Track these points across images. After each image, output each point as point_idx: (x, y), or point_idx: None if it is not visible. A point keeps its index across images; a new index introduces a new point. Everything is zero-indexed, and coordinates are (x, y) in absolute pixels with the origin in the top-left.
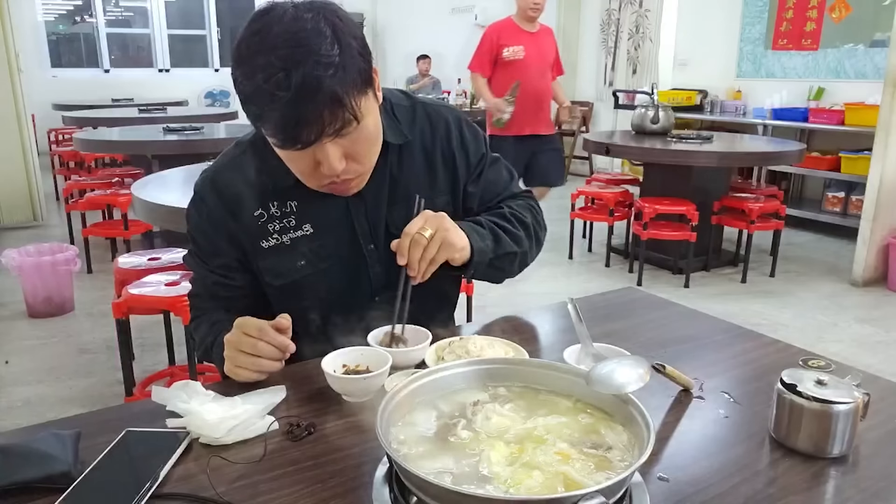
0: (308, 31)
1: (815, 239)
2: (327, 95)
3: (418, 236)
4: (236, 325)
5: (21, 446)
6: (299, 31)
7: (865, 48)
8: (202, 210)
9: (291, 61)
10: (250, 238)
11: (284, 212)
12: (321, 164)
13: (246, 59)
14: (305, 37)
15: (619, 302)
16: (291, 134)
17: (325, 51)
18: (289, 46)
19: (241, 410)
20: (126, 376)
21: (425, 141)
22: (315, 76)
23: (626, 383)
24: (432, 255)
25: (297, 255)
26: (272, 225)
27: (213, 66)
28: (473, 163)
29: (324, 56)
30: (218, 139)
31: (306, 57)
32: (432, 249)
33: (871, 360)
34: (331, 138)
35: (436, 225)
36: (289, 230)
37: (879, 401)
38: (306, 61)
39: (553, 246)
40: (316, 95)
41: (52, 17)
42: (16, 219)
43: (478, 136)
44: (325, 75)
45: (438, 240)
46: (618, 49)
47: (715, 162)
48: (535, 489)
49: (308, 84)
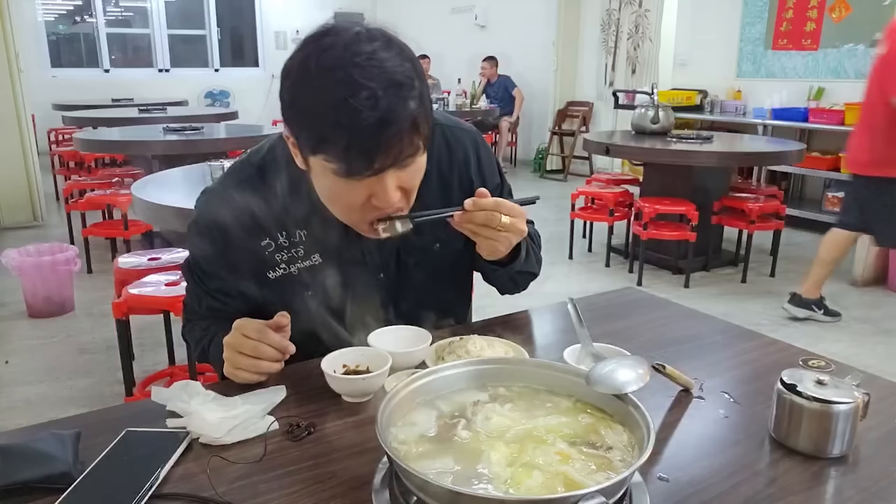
0: (387, 53)
1: (815, 239)
2: (409, 122)
3: (496, 217)
4: (235, 326)
5: (21, 446)
6: (377, 52)
7: (865, 48)
8: (204, 234)
9: (379, 81)
10: (255, 268)
11: (293, 241)
12: (375, 196)
13: (316, 76)
14: (388, 58)
15: (619, 302)
16: (367, 160)
17: (408, 75)
18: (372, 66)
19: (241, 410)
20: (126, 376)
21: (442, 166)
22: (402, 98)
23: (626, 383)
24: (486, 236)
25: (305, 284)
26: (280, 255)
27: (213, 66)
28: (490, 189)
29: (406, 78)
30: (218, 139)
31: (393, 77)
32: (492, 233)
33: (871, 360)
34: (398, 168)
35: (515, 225)
36: (297, 260)
37: (879, 401)
38: (394, 82)
39: (553, 246)
40: (401, 121)
41: (52, 17)
42: (16, 219)
43: (493, 162)
44: (409, 97)
45: (503, 235)
46: (618, 49)
47: (715, 162)
48: (535, 489)
49: (395, 108)
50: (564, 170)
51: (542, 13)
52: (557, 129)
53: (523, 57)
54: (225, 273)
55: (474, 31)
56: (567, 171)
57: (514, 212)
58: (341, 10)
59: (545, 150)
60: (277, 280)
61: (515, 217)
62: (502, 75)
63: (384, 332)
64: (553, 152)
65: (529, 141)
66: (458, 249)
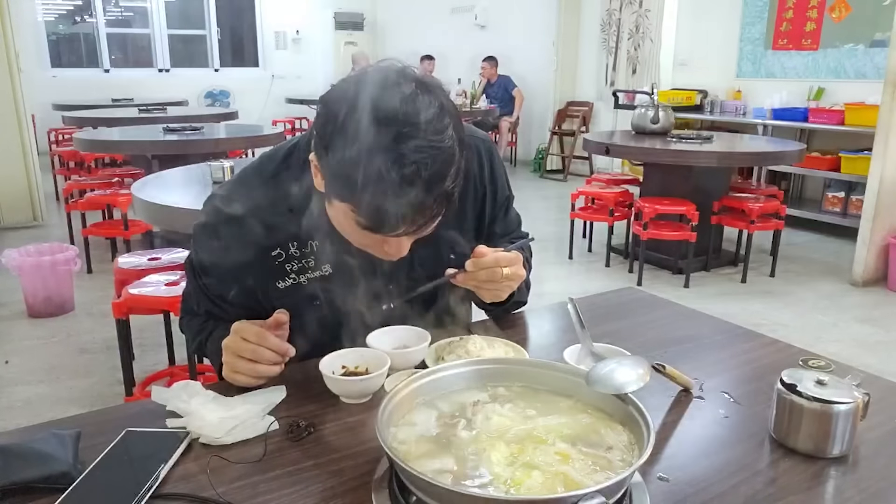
0: (439, 124)
1: (815, 239)
2: (444, 196)
3: (497, 272)
4: (234, 330)
5: (21, 446)
6: (430, 122)
7: (865, 48)
8: (213, 239)
9: (427, 156)
10: (263, 277)
11: (304, 252)
12: (388, 245)
13: (365, 134)
14: (438, 129)
15: (619, 302)
16: (391, 225)
17: (453, 149)
18: (424, 139)
19: (241, 410)
20: (126, 376)
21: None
22: (444, 176)
23: (626, 383)
24: (489, 289)
25: (314, 295)
26: (290, 265)
27: (213, 66)
28: (500, 200)
29: (452, 155)
30: (218, 139)
31: (440, 154)
32: (494, 286)
33: (871, 360)
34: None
35: (515, 273)
36: (307, 270)
37: (879, 401)
38: (440, 159)
39: (553, 246)
40: (435, 195)
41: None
42: (16, 219)
43: (503, 173)
44: (450, 174)
45: (505, 285)
46: (618, 49)
47: (715, 162)
48: (535, 489)
49: (435, 184)
50: (564, 170)
51: (542, 13)
52: (557, 129)
53: (523, 57)
54: (228, 280)
55: (474, 31)
56: (567, 171)
57: (512, 261)
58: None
59: (545, 150)
60: (286, 290)
61: (514, 265)
62: (502, 75)
63: (383, 332)
64: (553, 152)
65: (529, 141)
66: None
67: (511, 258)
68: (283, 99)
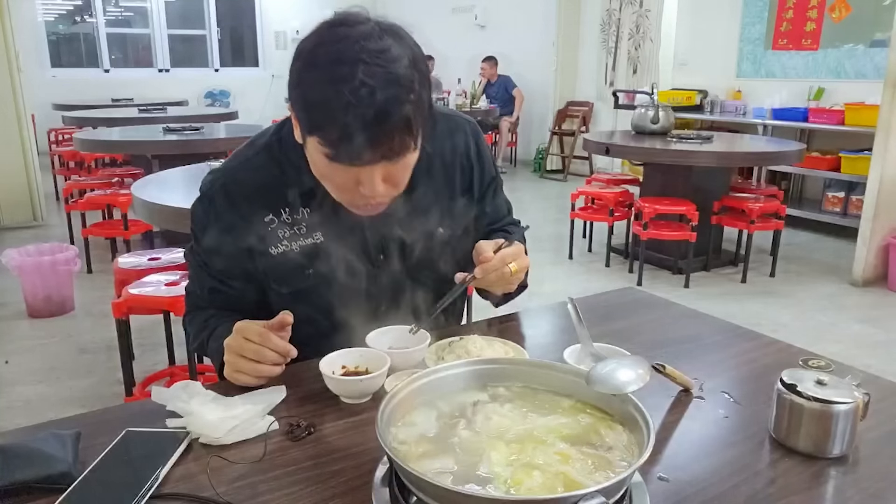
0: (394, 53)
1: (815, 239)
2: (402, 121)
3: (506, 270)
4: (237, 329)
5: (21, 446)
6: (386, 51)
7: (865, 48)
8: (209, 212)
9: (380, 80)
10: (258, 244)
11: (296, 219)
12: (362, 185)
13: (325, 65)
14: (393, 58)
15: (619, 302)
16: (355, 150)
17: (408, 76)
18: (377, 64)
19: (241, 410)
20: (126, 376)
21: (444, 150)
22: (398, 99)
23: (626, 383)
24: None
25: (306, 263)
26: (282, 231)
27: (213, 66)
28: (487, 179)
29: (407, 81)
30: (218, 139)
31: (393, 78)
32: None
33: (871, 360)
34: (386, 162)
35: (521, 265)
36: (299, 237)
37: (879, 401)
38: (393, 82)
39: (553, 246)
40: (394, 119)
41: (52, 17)
42: (16, 219)
43: (489, 153)
44: (406, 100)
45: (515, 279)
46: (618, 49)
47: (715, 162)
48: (535, 489)
49: (390, 105)
50: (564, 170)
51: (542, 13)
52: (557, 129)
53: (523, 57)
54: (229, 250)
55: (474, 31)
56: (567, 171)
57: (517, 255)
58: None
59: (545, 150)
60: (279, 256)
61: (518, 258)
62: (502, 75)
63: (383, 332)
64: (553, 152)
65: (529, 141)
66: (458, 234)
67: (514, 252)
68: (283, 99)
